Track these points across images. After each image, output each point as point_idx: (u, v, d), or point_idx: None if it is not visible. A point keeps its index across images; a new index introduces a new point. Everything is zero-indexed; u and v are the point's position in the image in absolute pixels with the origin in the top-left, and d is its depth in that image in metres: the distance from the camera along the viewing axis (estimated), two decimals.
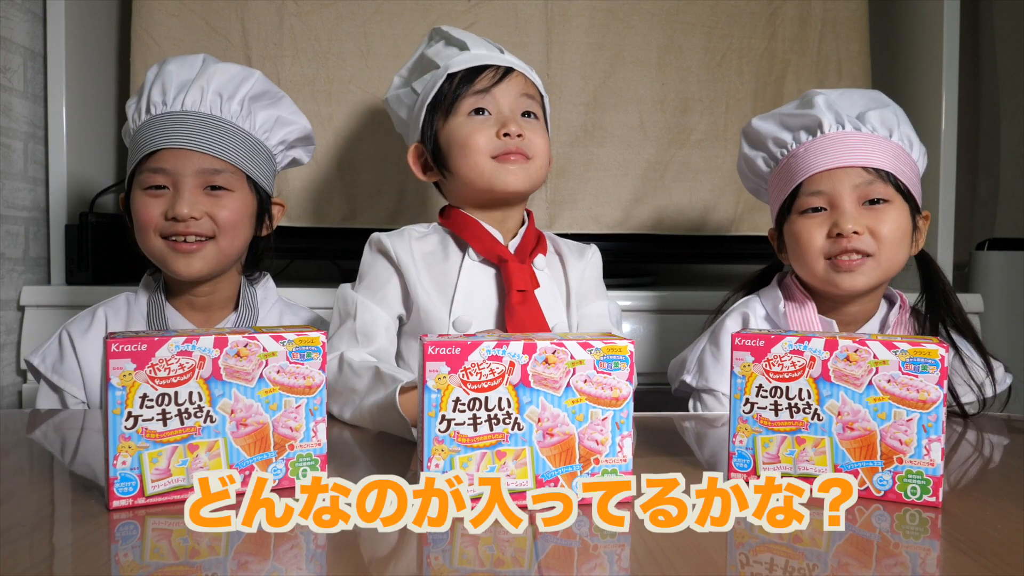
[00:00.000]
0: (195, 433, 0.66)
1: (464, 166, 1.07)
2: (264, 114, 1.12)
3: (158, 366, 0.64)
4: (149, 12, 1.57)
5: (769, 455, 0.73)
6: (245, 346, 0.68)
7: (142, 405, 0.64)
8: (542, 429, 0.66)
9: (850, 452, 0.71)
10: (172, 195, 1.06)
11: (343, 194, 1.62)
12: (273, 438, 0.69)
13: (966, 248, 1.86)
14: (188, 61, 1.11)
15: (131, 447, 0.64)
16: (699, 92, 1.66)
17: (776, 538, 0.61)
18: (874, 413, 0.69)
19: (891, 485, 0.70)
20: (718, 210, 1.67)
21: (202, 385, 0.66)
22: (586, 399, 0.66)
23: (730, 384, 0.74)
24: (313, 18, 1.60)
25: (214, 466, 0.67)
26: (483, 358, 0.64)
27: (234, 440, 0.68)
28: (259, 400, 0.68)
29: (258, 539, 0.59)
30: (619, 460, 0.67)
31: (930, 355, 0.68)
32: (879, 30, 1.74)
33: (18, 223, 1.48)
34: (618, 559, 0.57)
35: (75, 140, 1.57)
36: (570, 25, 1.63)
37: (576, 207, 1.64)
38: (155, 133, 1.07)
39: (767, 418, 0.72)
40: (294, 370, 0.70)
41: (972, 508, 0.69)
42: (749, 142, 1.18)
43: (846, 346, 0.70)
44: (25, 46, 1.49)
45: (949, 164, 1.61)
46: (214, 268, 1.09)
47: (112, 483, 0.64)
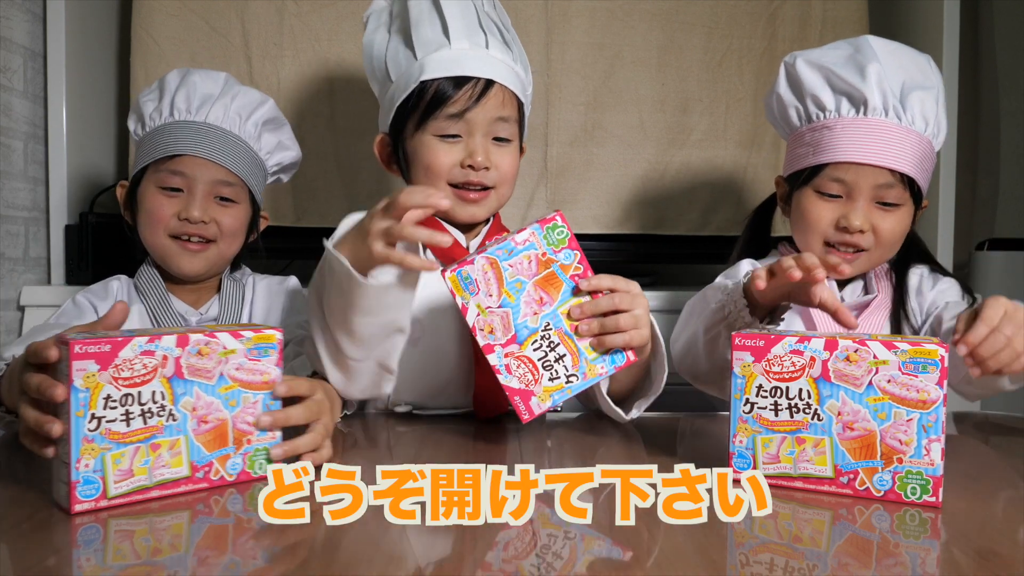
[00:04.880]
0: (157, 432, 0.67)
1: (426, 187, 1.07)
2: (269, 137, 1.21)
3: (121, 366, 0.65)
4: (149, 12, 1.57)
5: (769, 455, 0.73)
6: (206, 344, 0.69)
7: (105, 406, 0.64)
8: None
9: (850, 452, 0.71)
10: (186, 198, 1.13)
11: (343, 194, 1.63)
12: (232, 433, 0.71)
13: (966, 248, 1.86)
14: (212, 76, 1.19)
15: (94, 449, 0.64)
16: (699, 92, 1.66)
17: (776, 537, 0.61)
18: (874, 413, 0.70)
19: (891, 485, 0.70)
20: (718, 210, 1.67)
21: (165, 384, 0.67)
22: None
23: (730, 384, 0.74)
24: (313, 18, 1.60)
25: (175, 464, 0.68)
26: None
27: (195, 437, 0.69)
28: (219, 397, 0.70)
29: (215, 533, 0.61)
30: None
31: (930, 355, 0.68)
32: (879, 30, 1.73)
33: (18, 223, 1.48)
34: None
35: (75, 140, 1.57)
36: (570, 25, 1.63)
37: (576, 207, 1.64)
38: (180, 138, 1.14)
39: (767, 418, 0.73)
40: (252, 366, 0.72)
41: (972, 508, 0.69)
42: (789, 83, 1.14)
43: (846, 346, 0.70)
44: (25, 46, 1.49)
45: (949, 164, 1.61)
46: (212, 268, 1.17)
47: (74, 487, 0.63)
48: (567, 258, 0.83)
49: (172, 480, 0.68)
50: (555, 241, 0.83)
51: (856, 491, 0.70)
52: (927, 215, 1.59)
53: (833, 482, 0.71)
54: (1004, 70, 1.94)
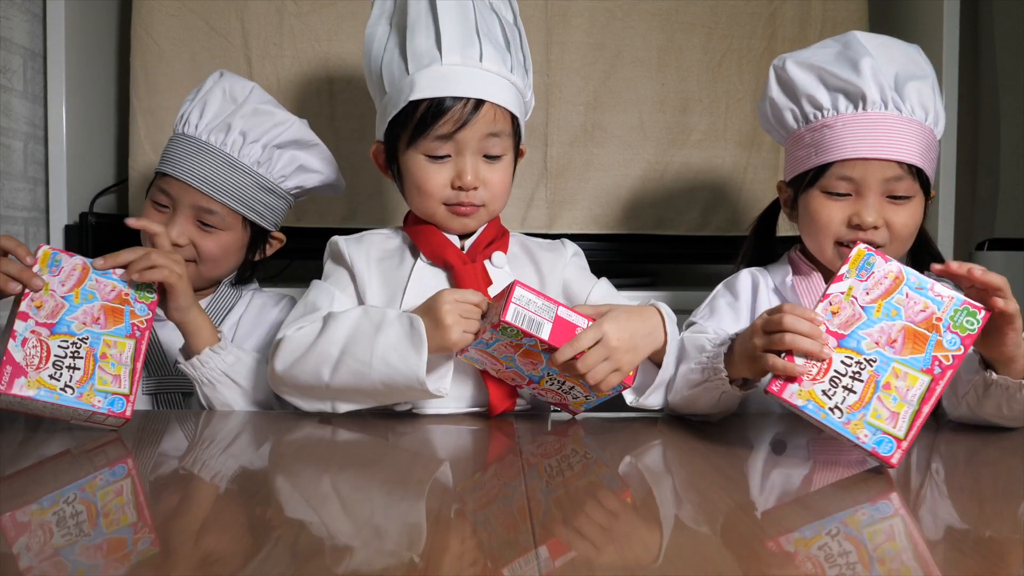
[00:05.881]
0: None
1: (417, 204, 1.09)
2: (286, 160, 1.17)
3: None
4: (149, 12, 1.57)
5: (890, 414, 0.77)
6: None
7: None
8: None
9: (914, 352, 0.77)
10: (171, 216, 1.13)
11: (343, 194, 1.62)
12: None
13: (966, 248, 1.86)
14: (238, 87, 1.16)
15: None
16: (699, 92, 1.66)
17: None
18: (890, 316, 0.77)
19: (956, 337, 0.78)
20: (718, 210, 1.67)
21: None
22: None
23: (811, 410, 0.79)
24: (313, 18, 1.60)
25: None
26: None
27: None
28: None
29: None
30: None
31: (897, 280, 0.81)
32: (879, 30, 1.73)
33: (18, 223, 1.48)
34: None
35: (75, 140, 1.57)
36: (570, 25, 1.63)
37: (576, 207, 1.64)
38: (176, 155, 1.14)
39: (853, 403, 0.77)
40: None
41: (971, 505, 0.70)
42: (781, 86, 1.12)
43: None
44: (25, 46, 1.49)
45: (949, 164, 1.61)
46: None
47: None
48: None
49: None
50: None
51: (949, 366, 0.78)
52: (928, 215, 1.58)
53: (934, 380, 0.77)
54: (1004, 70, 1.94)
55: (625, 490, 0.76)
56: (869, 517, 0.68)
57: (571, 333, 0.91)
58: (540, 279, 1.11)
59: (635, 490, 0.76)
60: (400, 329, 0.94)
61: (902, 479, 0.78)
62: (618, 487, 0.77)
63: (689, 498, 0.74)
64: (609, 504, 0.70)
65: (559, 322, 0.91)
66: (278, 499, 0.74)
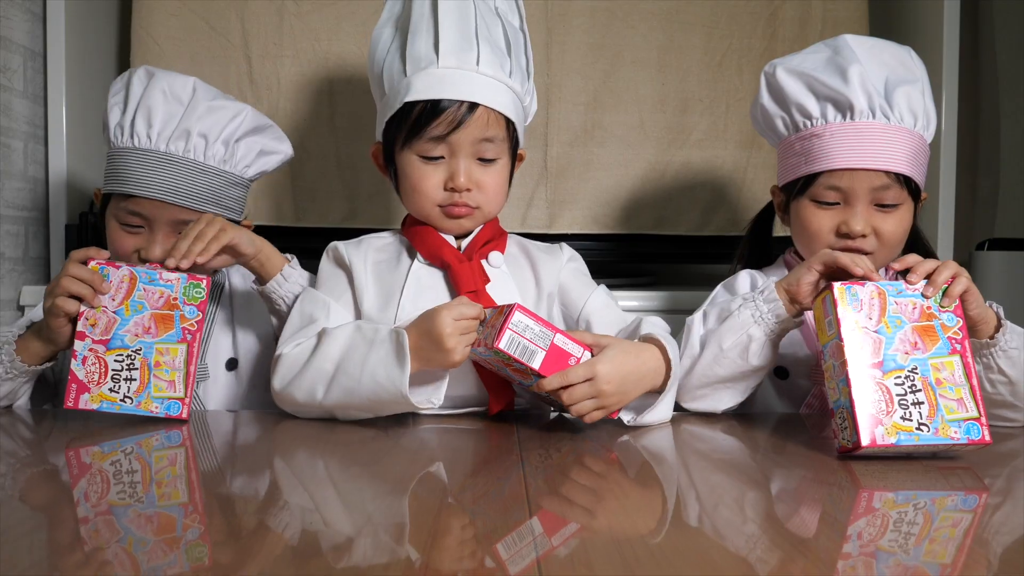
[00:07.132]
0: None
1: (412, 204, 1.10)
2: (246, 150, 1.15)
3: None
4: (149, 12, 1.57)
5: (956, 403, 0.83)
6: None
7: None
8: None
9: (934, 345, 0.84)
10: (147, 235, 1.11)
11: (343, 194, 1.63)
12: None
13: (966, 248, 1.86)
14: (177, 86, 1.12)
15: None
16: (699, 92, 1.66)
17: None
18: (898, 326, 0.85)
19: (951, 315, 0.86)
20: (718, 210, 1.67)
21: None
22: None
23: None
24: (313, 18, 1.60)
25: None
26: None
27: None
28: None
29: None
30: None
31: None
32: (879, 30, 1.73)
33: (18, 223, 1.48)
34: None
35: (75, 140, 1.57)
36: (570, 25, 1.63)
37: (576, 207, 1.64)
38: (136, 173, 1.10)
39: (929, 409, 0.82)
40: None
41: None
42: (771, 94, 1.13)
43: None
44: (25, 46, 1.49)
45: (949, 164, 1.61)
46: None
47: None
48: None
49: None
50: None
51: (962, 339, 0.85)
52: (928, 215, 1.59)
53: (962, 355, 0.85)
54: (1004, 70, 1.94)
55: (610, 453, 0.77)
56: (955, 504, 0.72)
57: (564, 363, 0.91)
58: (536, 280, 1.12)
59: (633, 467, 0.76)
60: (389, 346, 0.94)
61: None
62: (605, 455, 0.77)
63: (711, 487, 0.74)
64: (597, 468, 0.70)
65: (553, 350, 0.90)
66: (278, 497, 0.74)
